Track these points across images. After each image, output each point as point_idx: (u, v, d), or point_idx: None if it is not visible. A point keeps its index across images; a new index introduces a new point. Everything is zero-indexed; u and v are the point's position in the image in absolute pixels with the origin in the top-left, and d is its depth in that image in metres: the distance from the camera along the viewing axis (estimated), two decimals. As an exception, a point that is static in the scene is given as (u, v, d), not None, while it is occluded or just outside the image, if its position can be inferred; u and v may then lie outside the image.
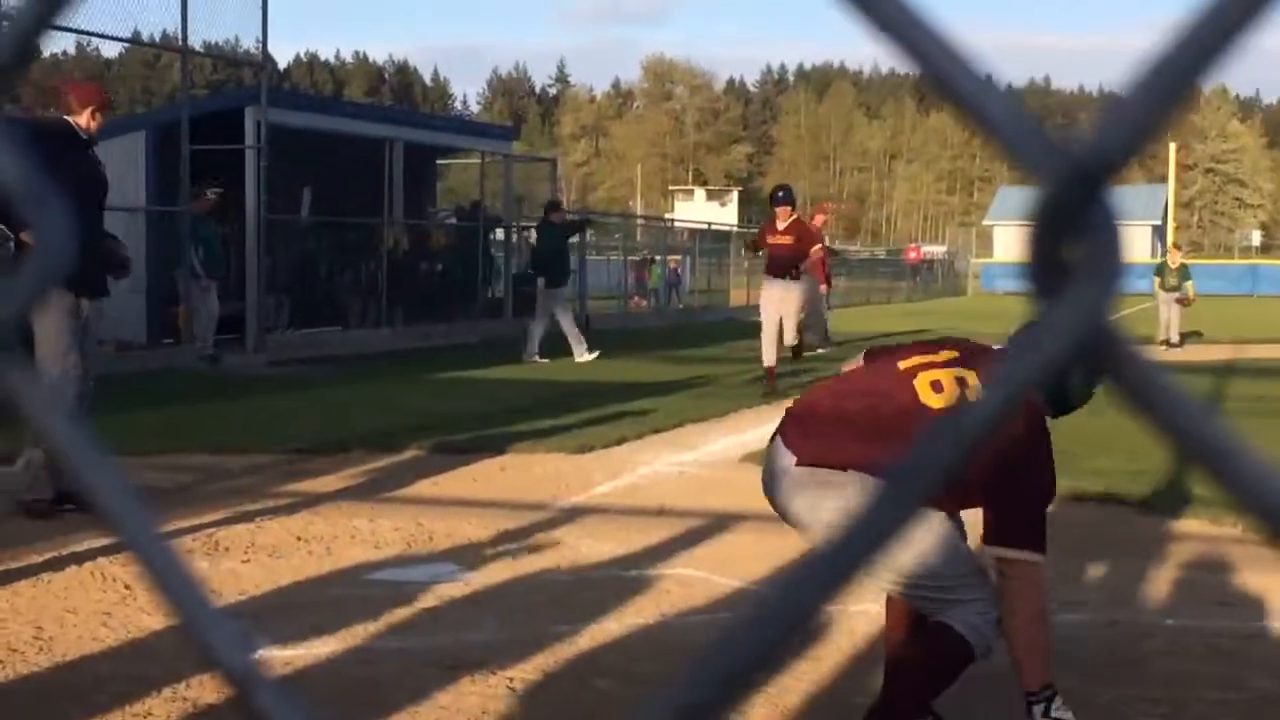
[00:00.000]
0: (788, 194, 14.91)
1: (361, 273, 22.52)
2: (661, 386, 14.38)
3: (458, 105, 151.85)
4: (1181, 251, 25.75)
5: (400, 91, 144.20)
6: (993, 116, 0.45)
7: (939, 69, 0.45)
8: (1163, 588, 6.27)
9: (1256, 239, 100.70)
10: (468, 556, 6.66)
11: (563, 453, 9.79)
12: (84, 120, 7.63)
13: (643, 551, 6.81)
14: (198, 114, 17.97)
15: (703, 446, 10.40)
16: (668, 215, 71.60)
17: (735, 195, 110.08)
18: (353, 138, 21.41)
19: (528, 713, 4.55)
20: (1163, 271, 23.87)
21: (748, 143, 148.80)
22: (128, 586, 5.95)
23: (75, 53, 44.47)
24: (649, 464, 9.52)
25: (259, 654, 0.57)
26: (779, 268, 14.37)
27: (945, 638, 3.82)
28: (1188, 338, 23.50)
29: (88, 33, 16.90)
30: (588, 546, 6.90)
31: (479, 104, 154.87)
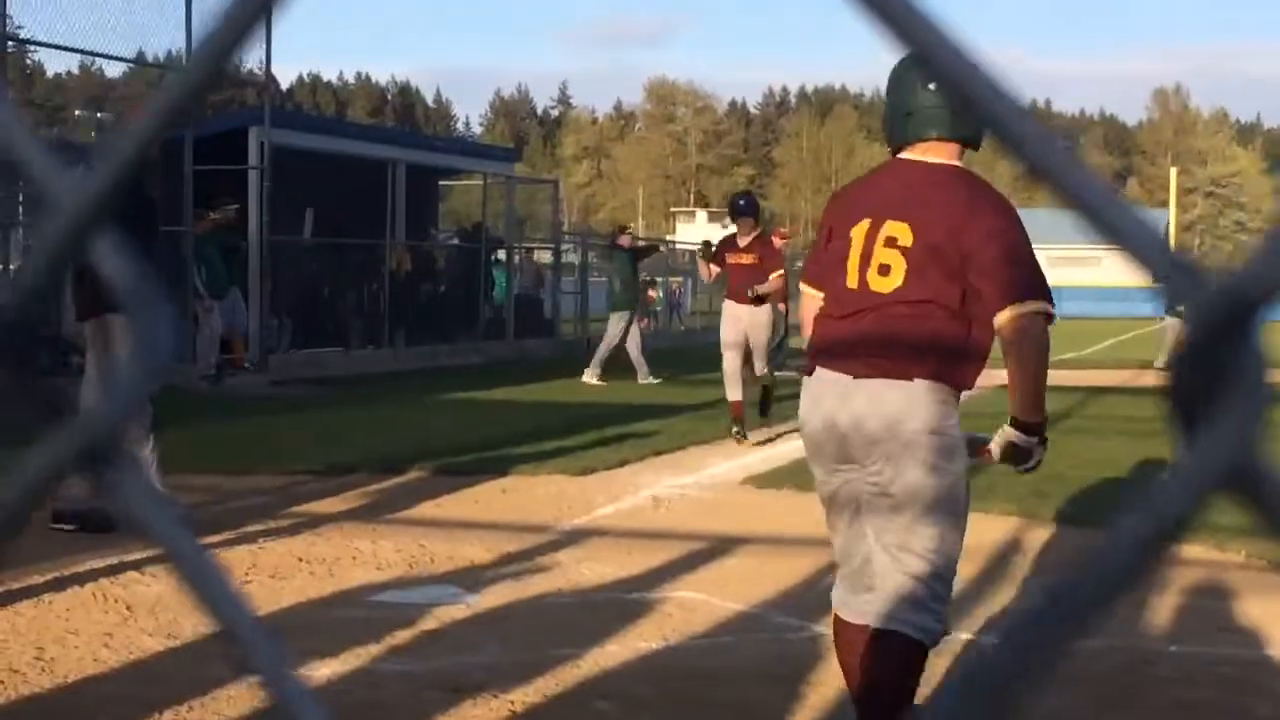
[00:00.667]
0: (750, 204, 12.75)
1: (363, 294, 22.55)
2: (663, 409, 14.36)
3: (460, 127, 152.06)
4: None
5: (403, 113, 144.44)
6: (1122, 233, 0.44)
7: (1061, 175, 0.44)
8: (1166, 614, 6.25)
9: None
10: (470, 579, 6.66)
11: (565, 475, 9.79)
12: None
13: (644, 574, 6.80)
14: (201, 134, 18.00)
15: (704, 469, 10.39)
16: (669, 237, 71.66)
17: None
18: (355, 159, 21.46)
19: (530, 736, 4.54)
20: None
21: (749, 165, 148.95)
22: (129, 608, 5.95)
23: (79, 73, 44.54)
24: (651, 486, 9.51)
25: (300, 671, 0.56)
26: (743, 291, 12.30)
27: (907, 648, 3.85)
28: None
29: (92, 53, 16.97)
30: (589, 569, 6.89)
31: (481, 126, 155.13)
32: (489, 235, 25.38)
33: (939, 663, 5.38)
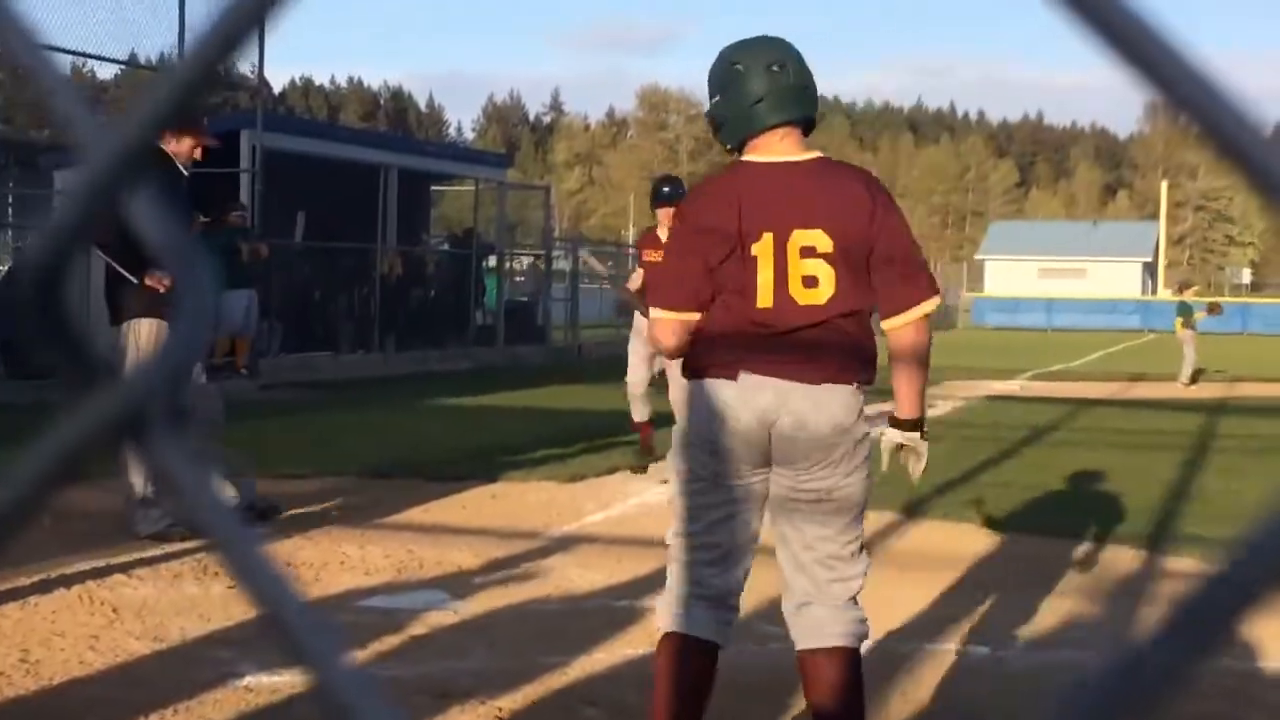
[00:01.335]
0: (676, 189, 10.18)
1: (354, 298, 22.53)
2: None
3: (452, 132, 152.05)
4: (1193, 289, 26.15)
5: (395, 118, 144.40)
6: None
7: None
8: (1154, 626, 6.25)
9: (1246, 277, 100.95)
10: (458, 584, 6.65)
11: (554, 481, 9.78)
12: (177, 146, 7.59)
13: (633, 581, 6.79)
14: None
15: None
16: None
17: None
18: (347, 163, 21.46)
19: (517, 743, 4.54)
20: (1185, 311, 24.09)
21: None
22: (115, 610, 5.93)
23: (71, 74, 44.55)
24: (640, 494, 9.50)
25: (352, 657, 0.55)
26: None
27: (859, 660, 3.85)
28: (1199, 375, 23.58)
29: (84, 54, 16.91)
30: (578, 576, 6.89)
31: (474, 131, 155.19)
32: (480, 241, 25.39)
33: (938, 675, 5.38)
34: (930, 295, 3.81)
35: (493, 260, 25.78)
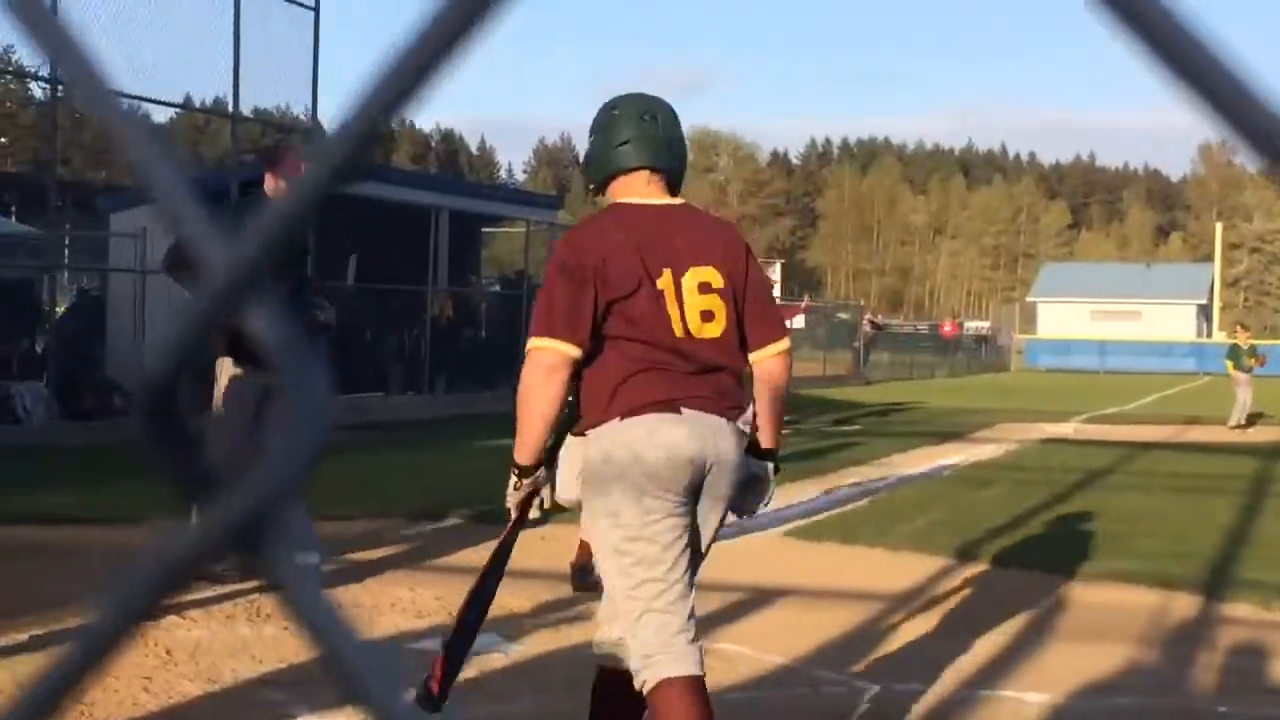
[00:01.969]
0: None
1: (405, 339, 22.61)
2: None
3: (503, 174, 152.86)
4: (1245, 332, 25.80)
5: (446, 160, 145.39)
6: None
7: None
8: (1212, 674, 6.18)
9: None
10: (508, 627, 6.64)
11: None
12: (277, 190, 7.73)
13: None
14: (247, 179, 18.14)
15: (743, 520, 10.31)
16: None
17: (779, 267, 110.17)
18: (399, 205, 21.58)
19: (568, 788, 4.51)
20: (1236, 354, 23.88)
21: (791, 215, 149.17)
22: (169, 652, 5.95)
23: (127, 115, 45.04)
24: (690, 536, 9.46)
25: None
26: None
27: None
28: (1255, 419, 23.36)
29: (139, 98, 17.10)
30: (629, 619, 6.85)
31: (524, 173, 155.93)
32: (531, 283, 25.47)
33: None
34: (786, 334, 4.13)
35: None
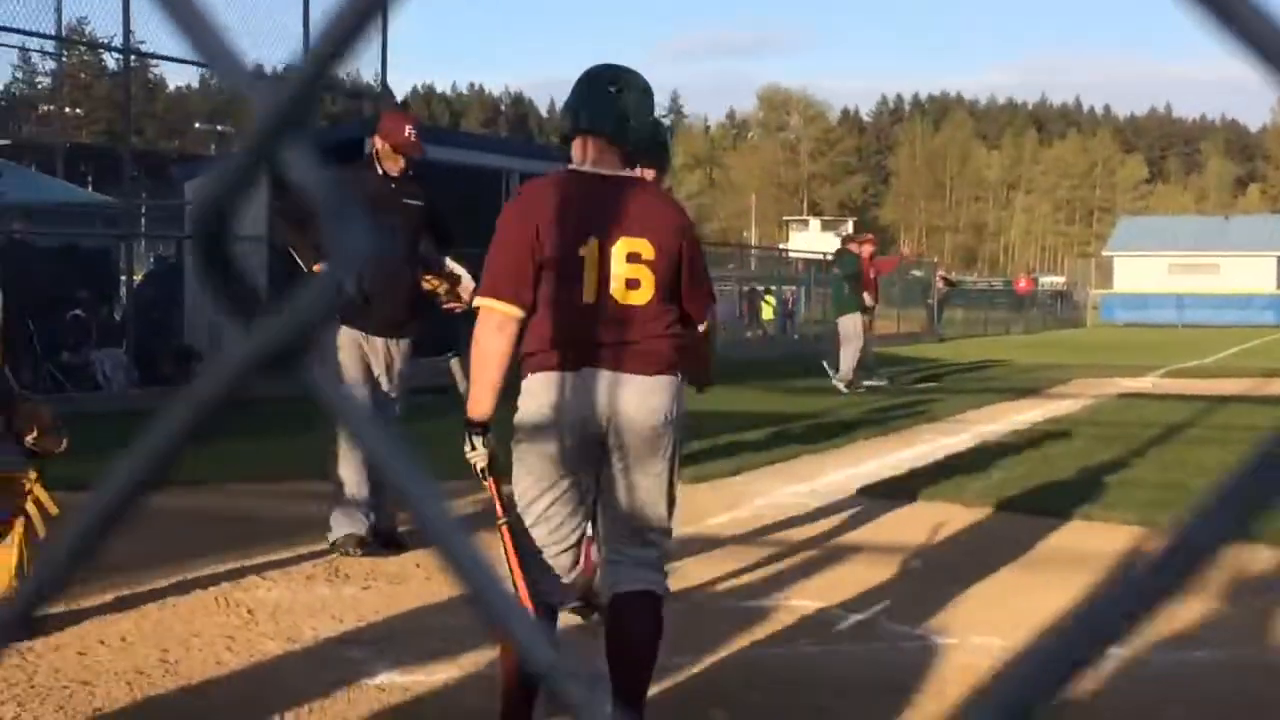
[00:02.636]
0: None
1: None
2: (775, 417, 14.31)
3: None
4: None
5: (516, 123, 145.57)
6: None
7: None
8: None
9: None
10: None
11: (679, 483, 9.77)
12: (388, 157, 7.71)
13: (757, 582, 6.79)
14: (318, 145, 18.22)
15: (819, 478, 10.35)
16: (782, 245, 71.45)
17: (850, 225, 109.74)
18: (470, 168, 21.66)
19: (644, 742, 4.55)
20: None
21: (863, 173, 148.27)
22: (250, 611, 6.05)
23: (199, 86, 45.37)
24: (765, 494, 9.49)
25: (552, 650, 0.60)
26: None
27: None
28: None
29: (210, 66, 17.25)
30: (702, 576, 6.88)
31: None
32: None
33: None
34: (706, 317, 4.52)
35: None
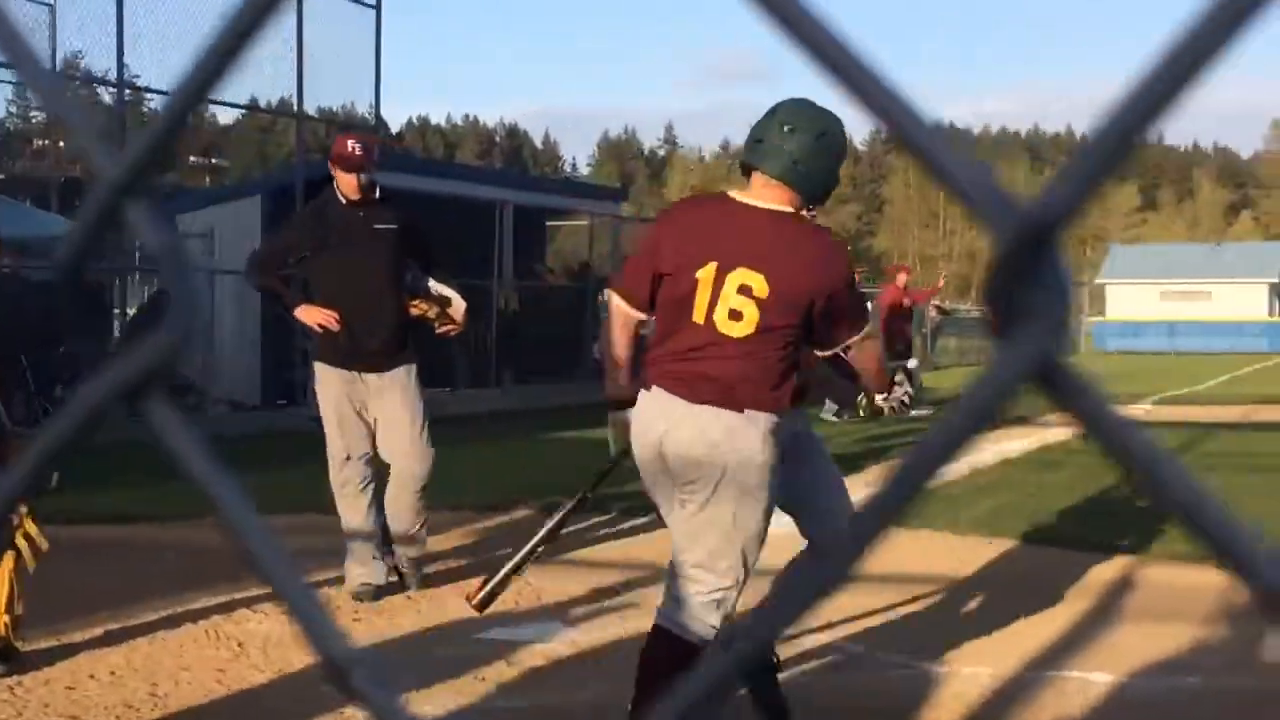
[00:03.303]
0: None
1: (470, 333, 22.70)
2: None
3: (567, 167, 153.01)
4: None
5: (511, 154, 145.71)
6: (949, 171, 0.51)
7: (898, 123, 0.52)
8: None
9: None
10: (576, 615, 6.67)
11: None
12: (340, 178, 7.71)
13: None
14: (312, 178, 18.28)
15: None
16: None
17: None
18: (464, 200, 21.67)
19: (635, 774, 4.53)
20: None
21: (856, 202, 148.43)
22: (240, 645, 6.02)
23: (193, 119, 45.54)
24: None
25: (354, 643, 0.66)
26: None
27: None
28: None
29: (206, 100, 17.29)
30: (696, 607, 6.85)
31: (588, 166, 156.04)
32: (596, 275, 25.50)
33: (1059, 702, 5.29)
34: (835, 344, 4.47)
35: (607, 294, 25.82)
